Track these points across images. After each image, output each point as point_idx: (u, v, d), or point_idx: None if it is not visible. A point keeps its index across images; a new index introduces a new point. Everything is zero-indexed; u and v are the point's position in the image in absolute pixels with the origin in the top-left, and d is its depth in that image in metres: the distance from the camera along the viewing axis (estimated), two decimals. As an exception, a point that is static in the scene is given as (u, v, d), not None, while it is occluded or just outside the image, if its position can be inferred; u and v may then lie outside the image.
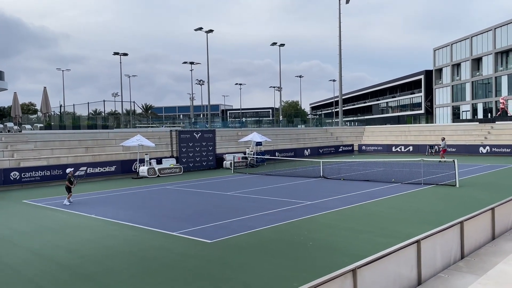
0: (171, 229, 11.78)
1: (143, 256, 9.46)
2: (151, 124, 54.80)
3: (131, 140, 27.18)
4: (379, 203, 15.25)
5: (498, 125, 40.41)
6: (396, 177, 22.01)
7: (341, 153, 43.08)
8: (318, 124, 64.09)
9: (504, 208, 10.40)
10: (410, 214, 13.13)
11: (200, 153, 30.50)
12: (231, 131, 41.51)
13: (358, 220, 12.42)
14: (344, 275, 5.56)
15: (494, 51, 63.51)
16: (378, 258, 6.22)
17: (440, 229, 7.86)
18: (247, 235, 10.98)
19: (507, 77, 62.17)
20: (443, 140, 31.59)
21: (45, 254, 9.96)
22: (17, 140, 26.50)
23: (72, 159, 26.33)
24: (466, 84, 70.37)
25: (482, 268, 7.50)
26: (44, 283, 7.99)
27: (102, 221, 13.41)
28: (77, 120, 37.55)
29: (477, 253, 8.74)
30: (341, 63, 55.59)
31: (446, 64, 75.08)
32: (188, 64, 69.38)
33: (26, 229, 12.68)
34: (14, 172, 22.66)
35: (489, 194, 16.10)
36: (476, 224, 9.06)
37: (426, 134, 43.14)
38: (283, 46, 62.25)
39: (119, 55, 61.29)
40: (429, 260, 7.33)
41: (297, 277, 7.61)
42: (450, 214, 12.12)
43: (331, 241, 10.19)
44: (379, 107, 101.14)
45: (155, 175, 26.40)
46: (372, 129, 50.23)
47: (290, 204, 15.34)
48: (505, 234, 10.18)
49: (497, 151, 36.33)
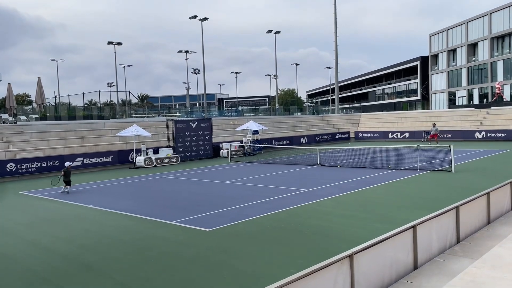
0: (169, 218, 11.82)
1: (141, 245, 9.50)
2: (147, 114, 54.65)
3: (127, 130, 27.11)
4: (376, 189, 15.33)
5: (493, 110, 40.53)
6: (392, 163, 22.10)
7: (338, 140, 43.14)
8: (315, 111, 64.03)
9: (499, 192, 10.49)
10: (407, 200, 13.22)
11: (197, 143, 30.48)
12: (228, 120, 41.44)
13: (355, 207, 12.49)
14: (341, 261, 5.61)
15: (490, 36, 63.39)
16: (375, 243, 6.28)
17: (436, 214, 7.93)
18: (245, 223, 11.03)
19: (503, 62, 62.18)
20: (434, 126, 32.57)
21: (43, 244, 9.99)
22: (13, 131, 26.38)
23: (69, 149, 26.24)
24: (462, 69, 70.34)
25: (478, 252, 7.59)
26: (42, 272, 8.02)
27: (100, 211, 13.43)
28: (73, 110, 37.40)
29: (473, 237, 8.83)
30: (337, 50, 55.40)
31: (442, 50, 74.94)
32: (184, 53, 68.97)
33: (24, 220, 12.69)
34: (10, 164, 22.59)
35: (484, 179, 16.20)
36: (472, 208, 9.14)
37: (422, 120, 43.22)
38: (278, 34, 61.86)
39: (114, 44, 60.77)
40: (425, 244, 7.40)
41: (295, 263, 7.67)
42: (446, 199, 12.20)
43: (328, 228, 10.26)
44: (375, 94, 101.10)
45: (152, 165, 26.40)
46: (368, 116, 50.26)
47: (287, 191, 15.40)
48: (500, 218, 10.28)
49: (492, 136, 36.48)
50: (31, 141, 26.04)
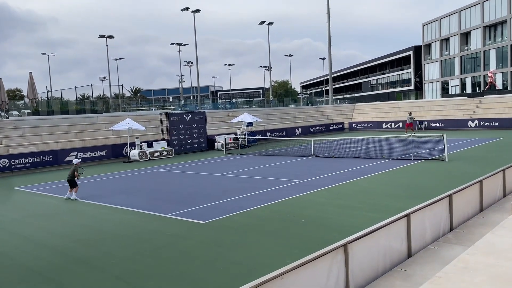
0: (164, 212, 11.82)
1: (137, 239, 9.51)
2: (141, 108, 54.38)
3: (121, 124, 26.99)
4: (370, 179, 15.41)
5: (486, 99, 40.73)
6: (386, 153, 22.21)
7: (332, 131, 43.22)
8: (309, 103, 64.01)
9: (491, 180, 10.58)
10: (400, 189, 13.31)
11: (191, 135, 30.41)
12: (222, 112, 41.35)
13: (349, 197, 12.56)
14: (335, 250, 5.65)
15: (483, 24, 63.50)
16: (369, 232, 6.33)
17: (429, 202, 7.99)
18: (240, 215, 11.07)
19: (495, 50, 62.37)
20: (410, 115, 34.32)
21: (38, 239, 9.97)
22: (5, 127, 26.17)
23: (62, 144, 26.11)
24: (455, 59, 70.51)
25: (471, 239, 7.67)
26: (38, 268, 8.01)
27: (95, 206, 13.40)
28: (65, 105, 37.13)
29: (466, 225, 8.92)
30: (330, 41, 55.28)
31: (435, 39, 75.02)
32: (176, 45, 68.49)
33: (18, 216, 12.64)
34: (3, 159, 22.43)
35: (477, 167, 16.33)
36: (465, 196, 9.22)
37: (416, 110, 43.33)
38: (271, 25, 61.64)
39: (105, 37, 60.23)
40: (418, 233, 7.47)
41: (290, 253, 7.71)
42: (439, 188, 12.29)
43: (322, 218, 10.32)
44: (369, 84, 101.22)
45: (147, 159, 26.33)
46: (362, 107, 50.34)
47: (282, 183, 15.44)
48: (493, 205, 10.39)
49: (485, 125, 36.72)
50: (23, 136, 25.86)
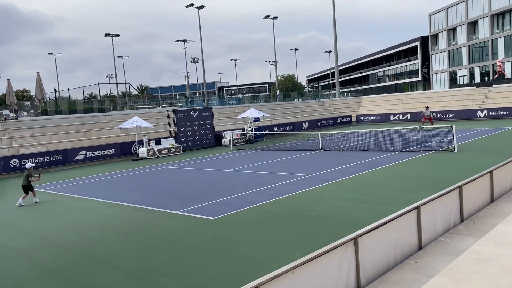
0: (174, 208, 11.90)
1: (147, 236, 9.58)
2: (148, 105, 54.56)
3: (129, 122, 27.13)
4: (379, 172, 15.36)
5: (495, 89, 40.29)
6: (395, 145, 22.09)
7: (339, 124, 43.08)
8: (315, 96, 63.74)
9: (502, 170, 10.50)
10: (410, 181, 13.25)
11: (199, 132, 30.49)
12: (229, 108, 41.38)
13: (358, 190, 12.53)
14: (345, 244, 5.66)
15: (490, 13, 62.66)
16: (379, 225, 6.32)
17: (439, 194, 7.95)
18: (249, 210, 11.10)
19: (504, 39, 61.57)
20: (427, 109, 32.48)
21: (50, 237, 10.08)
22: (14, 127, 26.44)
23: (71, 143, 26.33)
24: (463, 48, 69.72)
25: (482, 230, 7.63)
26: (53, 266, 8.11)
27: (105, 204, 13.52)
28: (73, 104, 37.34)
29: (477, 216, 8.87)
30: (336, 34, 54.97)
31: (442, 29, 74.21)
32: (181, 42, 68.49)
33: (30, 215, 12.79)
34: (14, 160, 22.68)
35: (487, 158, 16.19)
36: (475, 187, 9.16)
37: (424, 101, 43.04)
38: (276, 19, 61.35)
39: (111, 36, 60.39)
40: (429, 225, 7.44)
41: (300, 248, 7.72)
42: (449, 179, 12.22)
43: (332, 212, 10.31)
44: (376, 76, 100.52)
45: (155, 156, 26.46)
46: (369, 99, 50.06)
47: (290, 177, 15.44)
48: (504, 196, 10.31)
49: (494, 115, 36.35)
50: (33, 136, 26.10)
